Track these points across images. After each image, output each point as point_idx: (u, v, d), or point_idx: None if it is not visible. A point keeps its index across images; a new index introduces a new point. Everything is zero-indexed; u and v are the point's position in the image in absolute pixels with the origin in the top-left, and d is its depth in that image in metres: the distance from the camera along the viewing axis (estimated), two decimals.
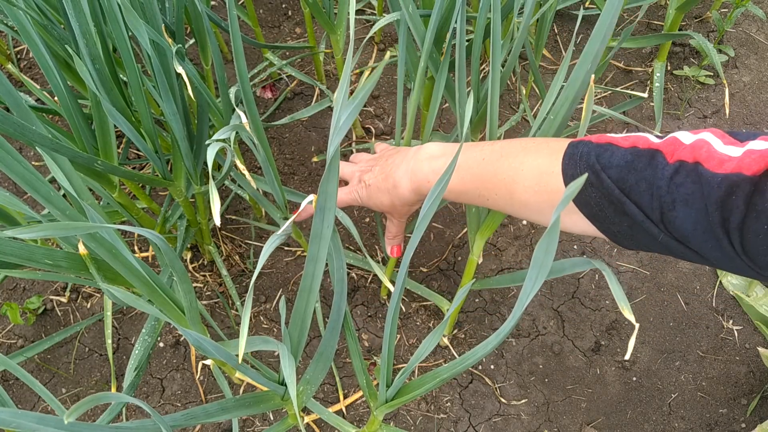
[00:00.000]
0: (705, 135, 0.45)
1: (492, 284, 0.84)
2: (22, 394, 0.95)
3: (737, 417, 0.93)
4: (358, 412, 0.93)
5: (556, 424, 0.92)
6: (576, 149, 0.53)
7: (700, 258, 0.47)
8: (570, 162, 0.53)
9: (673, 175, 0.45)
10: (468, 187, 0.62)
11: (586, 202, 0.52)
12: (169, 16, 0.84)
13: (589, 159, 0.51)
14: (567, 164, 0.53)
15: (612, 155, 0.50)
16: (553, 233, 0.37)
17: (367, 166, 0.75)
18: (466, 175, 0.62)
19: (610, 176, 0.49)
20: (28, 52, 1.29)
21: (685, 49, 1.26)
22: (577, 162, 0.52)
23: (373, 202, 0.72)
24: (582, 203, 0.52)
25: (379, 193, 0.70)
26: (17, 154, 0.55)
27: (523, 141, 0.60)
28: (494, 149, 0.61)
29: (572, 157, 0.53)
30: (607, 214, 0.51)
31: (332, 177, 0.50)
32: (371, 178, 0.71)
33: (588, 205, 0.52)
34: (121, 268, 0.59)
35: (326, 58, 1.26)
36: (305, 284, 0.58)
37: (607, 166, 0.50)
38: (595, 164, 0.50)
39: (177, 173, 0.84)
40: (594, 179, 0.50)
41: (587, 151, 0.52)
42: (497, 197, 0.60)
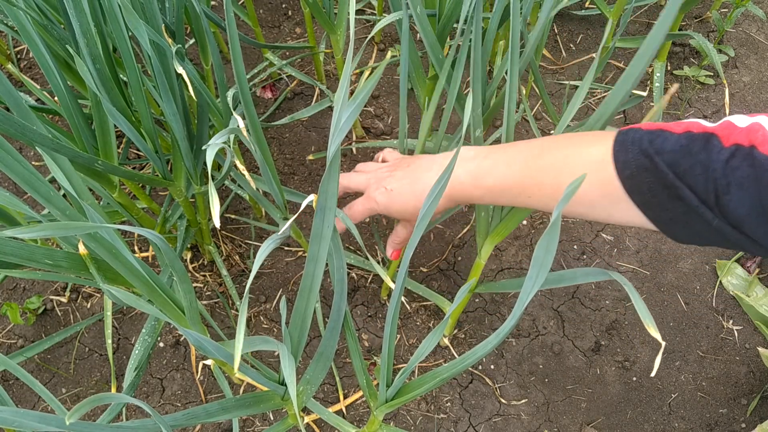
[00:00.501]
0: (760, 118, 0.45)
1: (496, 288, 0.83)
2: (22, 394, 0.95)
3: (737, 417, 0.93)
4: (358, 412, 0.93)
5: (556, 424, 0.92)
6: (626, 136, 0.52)
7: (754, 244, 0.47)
8: (621, 148, 0.51)
9: (728, 158, 0.45)
10: (508, 186, 0.60)
11: (639, 189, 0.51)
12: (169, 16, 0.84)
13: (642, 144, 0.50)
14: (618, 150, 0.51)
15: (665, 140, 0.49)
16: (554, 232, 0.37)
17: (383, 174, 0.70)
18: (507, 173, 0.60)
19: (665, 160, 0.48)
20: (28, 52, 1.29)
21: (685, 49, 1.26)
22: (628, 147, 0.51)
23: (396, 208, 0.67)
24: (634, 190, 0.51)
25: (402, 198, 0.66)
26: (17, 154, 0.55)
27: (566, 135, 0.59)
28: (534, 145, 0.59)
29: (623, 143, 0.52)
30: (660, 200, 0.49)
31: (333, 176, 0.50)
32: (393, 183, 0.67)
33: (640, 192, 0.51)
34: (121, 268, 0.59)
35: (326, 58, 1.26)
36: (305, 284, 0.58)
37: (660, 151, 0.49)
38: (648, 149, 0.49)
39: (177, 173, 0.84)
40: (648, 164, 0.49)
41: (639, 137, 0.51)
42: (541, 193, 0.58)
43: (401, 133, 0.83)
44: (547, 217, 1.09)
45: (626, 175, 0.51)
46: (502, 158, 0.61)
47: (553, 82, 1.23)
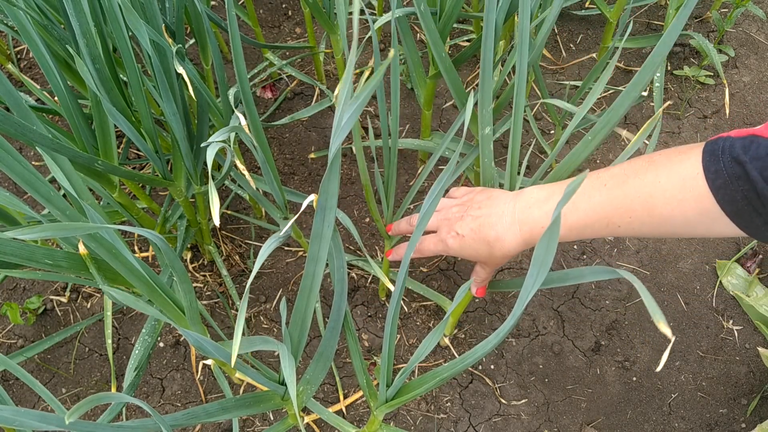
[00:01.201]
0: None
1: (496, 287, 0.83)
2: (22, 394, 0.95)
3: (737, 417, 0.93)
4: (358, 412, 0.94)
5: (556, 424, 0.92)
6: (716, 145, 0.50)
7: None
8: (711, 158, 0.50)
9: None
10: (592, 220, 0.58)
11: (732, 199, 0.49)
12: (169, 16, 0.84)
13: (733, 151, 0.48)
14: (708, 161, 0.50)
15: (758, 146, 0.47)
16: (554, 232, 0.37)
17: (454, 215, 0.69)
18: (588, 207, 0.58)
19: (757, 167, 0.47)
20: (28, 52, 1.29)
21: (685, 49, 1.26)
22: (719, 157, 0.49)
23: (467, 252, 0.67)
24: (726, 200, 0.49)
25: (475, 244, 0.66)
26: (17, 154, 0.55)
27: (646, 156, 0.57)
28: (614, 173, 0.57)
29: (713, 153, 0.50)
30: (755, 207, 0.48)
31: (333, 177, 0.50)
32: (464, 228, 0.67)
33: (733, 202, 0.49)
34: (121, 268, 0.59)
35: (326, 58, 1.26)
36: (305, 284, 0.58)
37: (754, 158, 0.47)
38: (741, 156, 0.48)
39: (177, 173, 0.84)
40: (740, 171, 0.48)
41: (729, 145, 0.49)
42: (631, 220, 0.56)
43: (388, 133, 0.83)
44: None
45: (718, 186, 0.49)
46: (580, 192, 0.59)
47: (553, 82, 1.23)
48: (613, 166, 0.59)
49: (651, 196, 0.54)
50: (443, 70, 0.79)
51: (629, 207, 0.56)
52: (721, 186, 0.49)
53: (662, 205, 0.54)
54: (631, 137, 1.15)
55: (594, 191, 0.58)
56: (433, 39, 0.77)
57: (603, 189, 0.57)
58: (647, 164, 0.56)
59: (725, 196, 0.49)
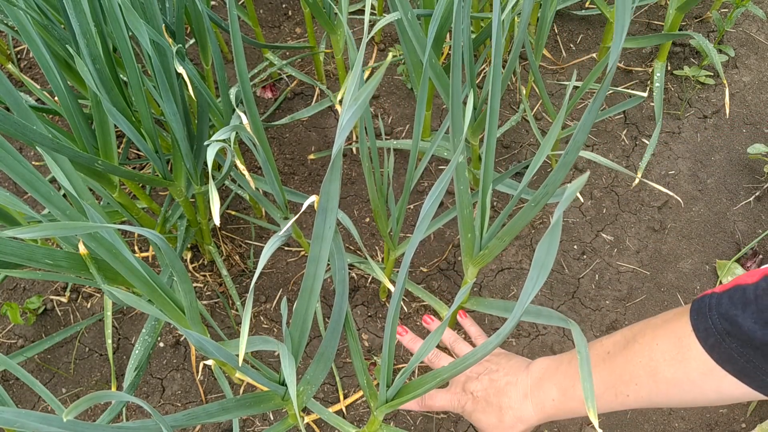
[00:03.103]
0: None
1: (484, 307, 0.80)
2: (22, 394, 0.95)
3: (737, 417, 0.93)
4: (359, 412, 0.93)
5: (556, 424, 0.92)
6: (702, 303, 0.49)
7: None
8: (699, 317, 0.49)
9: None
10: (600, 390, 0.57)
11: (729, 357, 0.47)
12: (170, 16, 0.84)
13: (720, 307, 0.47)
14: (696, 320, 0.49)
15: (744, 292, 0.46)
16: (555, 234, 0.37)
17: (472, 372, 0.68)
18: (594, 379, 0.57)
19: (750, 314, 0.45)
20: (28, 52, 1.29)
21: (685, 49, 1.26)
22: (706, 314, 0.48)
23: (477, 417, 0.65)
24: (725, 359, 0.48)
25: (487, 409, 0.64)
26: (17, 154, 0.55)
27: (644, 321, 0.56)
28: (616, 340, 0.57)
29: (700, 311, 0.49)
30: (756, 363, 0.46)
31: (334, 177, 0.50)
32: (480, 390, 0.65)
33: (732, 360, 0.47)
34: (121, 268, 0.59)
35: (326, 58, 1.26)
36: (306, 285, 0.58)
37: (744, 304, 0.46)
38: (730, 309, 0.46)
39: (177, 173, 0.84)
40: (730, 328, 0.46)
41: (716, 301, 0.48)
42: (638, 387, 0.54)
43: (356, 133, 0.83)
44: (547, 217, 1.09)
45: (711, 345, 0.48)
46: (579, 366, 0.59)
47: (553, 82, 1.23)
48: (615, 332, 0.58)
49: (651, 360, 0.53)
50: (433, 76, 0.79)
51: (633, 373, 0.54)
52: (715, 345, 0.48)
53: (665, 368, 0.52)
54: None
55: (598, 360, 0.57)
56: (422, 45, 0.77)
57: (607, 356, 0.57)
58: (644, 327, 0.55)
59: (722, 356, 0.48)
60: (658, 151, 1.15)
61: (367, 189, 1.11)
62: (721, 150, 1.15)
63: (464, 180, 0.68)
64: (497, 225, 0.68)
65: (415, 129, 0.70)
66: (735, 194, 1.10)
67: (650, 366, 0.53)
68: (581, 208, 1.09)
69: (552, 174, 0.55)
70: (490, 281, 1.03)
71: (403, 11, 0.75)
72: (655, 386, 0.53)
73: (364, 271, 1.02)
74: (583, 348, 0.44)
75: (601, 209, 1.09)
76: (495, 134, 0.64)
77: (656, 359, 0.52)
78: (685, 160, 1.14)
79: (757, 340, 0.45)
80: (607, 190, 1.11)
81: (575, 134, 0.51)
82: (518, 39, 0.74)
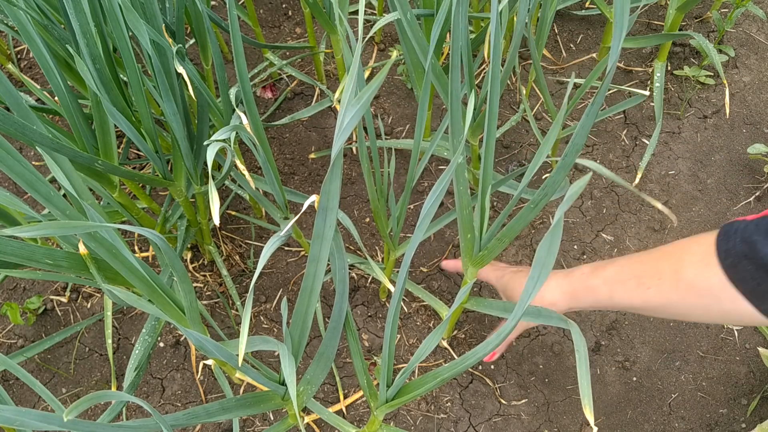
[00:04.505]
0: None
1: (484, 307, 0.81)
2: (22, 394, 0.95)
3: (737, 417, 0.93)
4: (359, 412, 0.93)
5: (556, 424, 0.92)
6: (731, 227, 0.53)
7: None
8: (724, 238, 0.53)
9: None
10: (625, 276, 0.62)
11: (743, 277, 0.51)
12: (170, 16, 0.84)
13: (745, 232, 0.51)
14: (721, 240, 0.53)
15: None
16: (556, 233, 0.37)
17: None
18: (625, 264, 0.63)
19: None
20: (28, 52, 1.29)
21: (686, 49, 1.26)
22: (731, 236, 0.52)
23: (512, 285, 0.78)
24: (739, 279, 0.51)
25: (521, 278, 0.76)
26: (17, 154, 0.55)
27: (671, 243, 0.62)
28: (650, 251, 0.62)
29: (726, 233, 0.53)
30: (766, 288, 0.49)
31: (335, 177, 0.50)
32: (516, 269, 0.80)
33: (745, 281, 0.51)
34: (121, 268, 0.59)
35: (326, 58, 1.26)
36: (306, 284, 0.58)
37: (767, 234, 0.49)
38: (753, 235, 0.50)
39: (177, 173, 0.84)
40: (748, 251, 0.50)
41: (743, 227, 0.52)
42: (661, 282, 0.59)
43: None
44: (547, 218, 1.09)
45: (728, 264, 0.52)
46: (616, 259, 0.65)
47: (553, 81, 1.23)
48: None
49: (679, 260, 0.57)
50: (433, 77, 0.79)
51: (660, 268, 0.59)
52: (731, 265, 0.51)
53: (688, 268, 0.56)
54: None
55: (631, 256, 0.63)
56: (421, 45, 0.77)
57: (641, 253, 0.62)
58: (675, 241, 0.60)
59: (737, 275, 0.51)
60: (658, 151, 1.15)
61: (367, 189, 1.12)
62: (721, 150, 1.15)
63: (464, 180, 0.68)
64: (497, 225, 0.68)
65: (417, 129, 0.70)
66: (735, 194, 1.10)
67: (676, 265, 0.57)
68: (581, 208, 1.09)
69: (551, 175, 0.55)
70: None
71: (402, 11, 0.75)
72: (675, 284, 0.57)
73: (364, 271, 1.02)
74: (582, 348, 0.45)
75: (601, 209, 1.09)
76: (494, 135, 0.64)
77: (683, 260, 0.57)
78: (685, 160, 1.14)
79: None
80: (607, 190, 1.11)
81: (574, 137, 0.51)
82: (517, 38, 0.74)
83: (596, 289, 0.65)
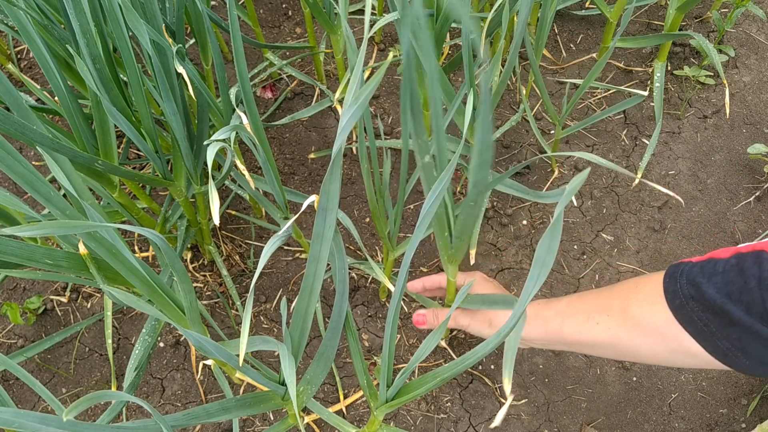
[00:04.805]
0: None
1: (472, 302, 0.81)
2: (22, 394, 0.95)
3: (737, 417, 0.93)
4: (359, 412, 0.93)
5: (556, 424, 0.92)
6: (677, 268, 0.55)
7: None
8: (671, 280, 0.54)
9: None
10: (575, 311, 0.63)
11: (690, 319, 0.52)
12: (170, 16, 0.84)
13: (690, 274, 0.53)
14: (668, 282, 0.54)
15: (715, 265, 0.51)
16: (556, 232, 0.37)
17: None
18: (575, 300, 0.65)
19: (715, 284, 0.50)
20: (28, 51, 1.29)
21: (686, 49, 1.26)
22: (677, 278, 0.54)
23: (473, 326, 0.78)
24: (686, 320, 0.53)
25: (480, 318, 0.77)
26: (17, 154, 0.55)
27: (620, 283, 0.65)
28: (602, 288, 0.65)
29: (673, 275, 0.55)
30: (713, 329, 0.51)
31: (335, 177, 0.50)
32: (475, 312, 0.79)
33: (692, 322, 0.52)
34: (121, 268, 0.59)
35: (326, 58, 1.26)
36: (306, 285, 0.58)
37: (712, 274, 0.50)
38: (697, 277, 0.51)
39: (177, 173, 0.84)
40: (695, 293, 0.51)
41: (688, 269, 0.53)
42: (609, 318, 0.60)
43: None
44: (547, 217, 1.09)
45: (676, 305, 0.53)
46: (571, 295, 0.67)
47: (553, 81, 1.23)
48: None
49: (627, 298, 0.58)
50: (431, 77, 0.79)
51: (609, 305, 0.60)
52: (679, 307, 0.53)
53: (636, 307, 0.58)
54: None
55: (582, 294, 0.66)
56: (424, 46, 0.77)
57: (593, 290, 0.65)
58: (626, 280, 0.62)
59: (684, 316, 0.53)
60: (658, 151, 1.15)
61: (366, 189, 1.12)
62: (721, 150, 1.15)
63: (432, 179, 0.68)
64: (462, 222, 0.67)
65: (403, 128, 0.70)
66: (735, 194, 1.10)
67: (625, 302, 0.59)
68: (581, 208, 1.09)
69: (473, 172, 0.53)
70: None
71: (402, 11, 0.74)
72: (623, 321, 0.58)
73: (364, 271, 1.02)
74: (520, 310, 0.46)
75: (601, 209, 1.09)
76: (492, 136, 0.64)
77: (631, 298, 0.58)
78: (685, 160, 1.14)
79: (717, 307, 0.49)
80: (607, 190, 1.11)
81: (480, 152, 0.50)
82: (518, 38, 0.74)
83: (548, 320, 0.67)
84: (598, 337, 0.61)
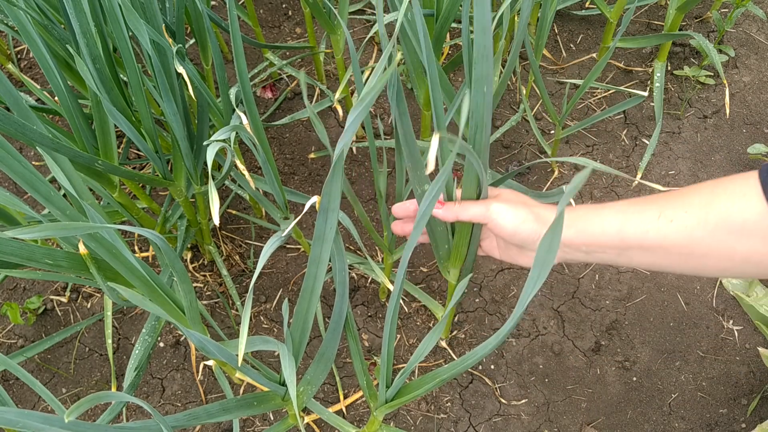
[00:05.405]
0: None
1: None
2: (22, 394, 0.95)
3: (737, 417, 0.93)
4: (358, 412, 0.93)
5: (556, 424, 0.92)
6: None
7: None
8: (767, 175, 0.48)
9: None
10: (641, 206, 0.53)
11: None
12: (170, 16, 0.84)
13: None
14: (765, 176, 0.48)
15: None
16: (556, 232, 0.37)
17: None
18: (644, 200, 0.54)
19: None
20: (28, 52, 1.29)
21: (686, 49, 1.26)
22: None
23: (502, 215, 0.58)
24: None
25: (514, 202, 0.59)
26: (18, 154, 0.55)
27: None
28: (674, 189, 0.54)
29: None
30: None
31: (336, 177, 0.50)
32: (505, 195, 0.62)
33: None
34: (122, 268, 0.59)
35: (326, 58, 1.26)
36: (307, 285, 0.58)
37: None
38: None
39: (177, 173, 0.84)
40: None
41: None
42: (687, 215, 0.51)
43: None
44: None
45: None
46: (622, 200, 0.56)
47: (553, 81, 1.23)
48: None
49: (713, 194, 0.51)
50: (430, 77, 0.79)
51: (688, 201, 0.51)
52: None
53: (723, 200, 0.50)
54: None
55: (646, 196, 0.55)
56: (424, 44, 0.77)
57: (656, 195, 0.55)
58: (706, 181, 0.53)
59: None
60: (658, 151, 1.15)
61: (371, 188, 1.11)
62: (721, 150, 1.15)
63: None
64: None
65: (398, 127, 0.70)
66: None
67: (708, 198, 0.51)
68: None
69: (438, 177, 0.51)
70: (490, 281, 1.03)
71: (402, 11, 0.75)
72: (704, 218, 0.51)
73: (364, 271, 1.02)
74: None
75: None
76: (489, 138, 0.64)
77: (717, 194, 0.50)
78: (685, 160, 1.14)
79: None
80: (607, 190, 1.11)
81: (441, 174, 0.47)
82: (519, 39, 0.74)
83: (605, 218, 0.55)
84: (668, 237, 0.52)
